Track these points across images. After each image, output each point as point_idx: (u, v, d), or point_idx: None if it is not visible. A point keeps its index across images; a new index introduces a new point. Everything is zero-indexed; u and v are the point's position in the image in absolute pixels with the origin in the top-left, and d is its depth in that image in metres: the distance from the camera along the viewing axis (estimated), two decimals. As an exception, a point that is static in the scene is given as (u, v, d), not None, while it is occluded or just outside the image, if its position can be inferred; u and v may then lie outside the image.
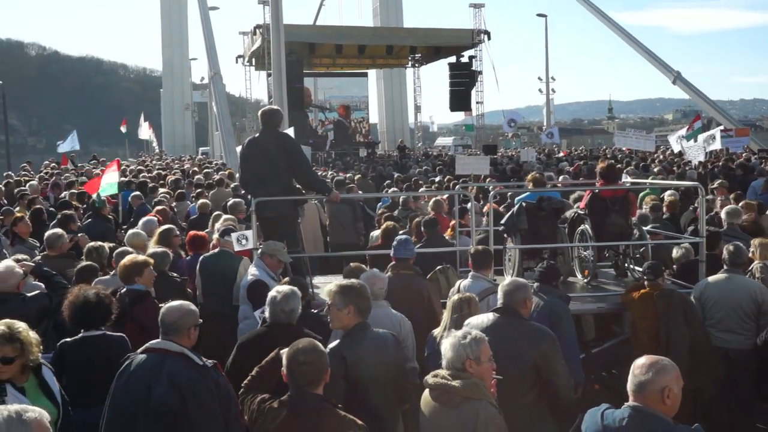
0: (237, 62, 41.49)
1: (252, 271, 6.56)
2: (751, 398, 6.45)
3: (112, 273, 6.44)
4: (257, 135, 7.68)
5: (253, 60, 39.52)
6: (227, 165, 24.45)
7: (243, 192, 10.89)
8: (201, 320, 4.26)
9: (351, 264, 6.59)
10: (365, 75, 48.91)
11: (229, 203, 10.28)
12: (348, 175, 18.65)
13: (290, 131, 12.43)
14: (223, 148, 31.56)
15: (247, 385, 3.99)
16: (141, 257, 6.12)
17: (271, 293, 4.86)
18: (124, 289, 5.81)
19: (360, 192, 13.73)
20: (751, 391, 6.40)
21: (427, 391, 3.88)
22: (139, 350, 4.09)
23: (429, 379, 3.85)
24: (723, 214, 8.45)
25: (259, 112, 7.86)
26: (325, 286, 5.11)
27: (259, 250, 6.81)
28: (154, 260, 6.25)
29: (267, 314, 4.82)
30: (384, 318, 5.21)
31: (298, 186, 7.60)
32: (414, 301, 6.14)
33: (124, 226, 10.61)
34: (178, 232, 8.36)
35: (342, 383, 4.09)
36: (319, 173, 18.55)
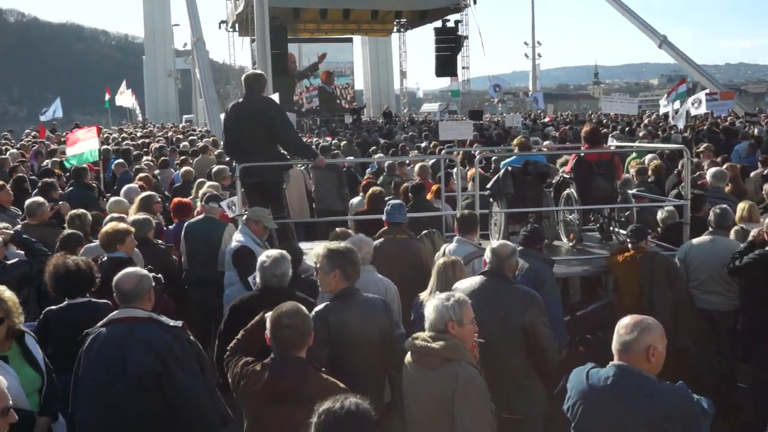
0: (220, 28, 41.01)
1: (237, 238, 6.52)
2: (732, 358, 6.53)
3: (96, 241, 6.38)
4: (241, 100, 7.61)
5: (237, 26, 39.05)
6: (211, 132, 24.26)
7: (227, 159, 10.83)
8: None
9: (337, 229, 6.58)
10: (350, 41, 48.47)
11: (213, 170, 10.21)
12: (333, 141, 18.54)
13: (275, 97, 12.30)
14: (207, 116, 31.34)
15: (232, 348, 3.97)
16: (122, 225, 6.07)
17: (261, 258, 4.84)
18: (105, 257, 5.76)
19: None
20: (733, 351, 6.48)
21: (408, 354, 3.89)
22: (100, 324, 4.02)
23: (410, 341, 3.86)
24: (708, 177, 8.47)
25: (243, 77, 7.77)
26: (311, 251, 5.09)
27: (245, 216, 6.77)
28: (135, 227, 6.21)
29: (258, 279, 4.82)
30: (370, 283, 5.20)
31: (283, 152, 7.54)
32: (411, 265, 6.15)
33: (108, 194, 10.49)
34: (159, 199, 8.30)
35: (325, 347, 4.09)
36: (305, 139, 18.48)
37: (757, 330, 5.99)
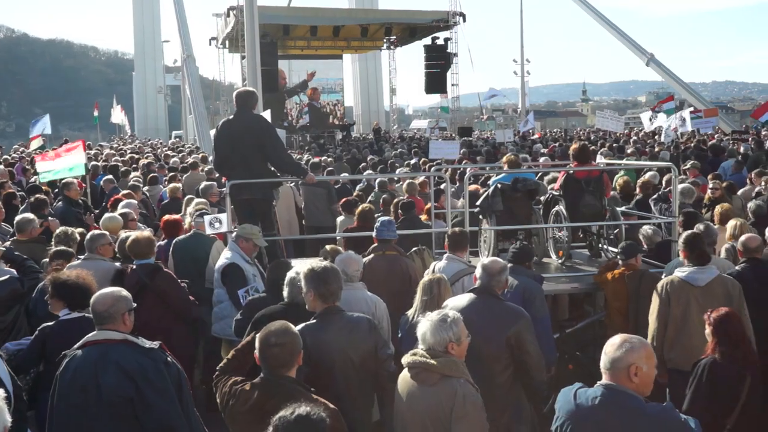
0: (210, 44, 41.00)
1: (226, 255, 6.51)
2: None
3: (82, 258, 6.36)
4: (232, 117, 7.63)
5: (227, 42, 39.08)
6: (201, 148, 24.24)
7: (217, 175, 10.82)
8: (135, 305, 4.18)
9: (327, 246, 6.58)
10: (340, 57, 48.64)
11: (200, 187, 10.20)
12: (323, 158, 18.57)
13: (266, 114, 12.35)
14: (196, 132, 31.31)
15: (222, 368, 3.96)
16: (146, 234, 6.47)
17: (290, 274, 4.89)
18: (135, 265, 6.08)
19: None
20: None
21: (405, 370, 3.88)
22: (76, 346, 3.95)
23: (407, 357, 3.86)
24: (677, 193, 8.35)
25: (234, 94, 7.80)
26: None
27: (234, 234, 6.76)
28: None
29: (285, 294, 4.89)
30: (359, 300, 5.21)
31: (272, 168, 7.55)
32: (400, 282, 6.18)
33: (96, 210, 10.44)
34: (134, 217, 8.32)
35: (304, 367, 4.07)
36: (295, 156, 18.49)
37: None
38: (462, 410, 3.64)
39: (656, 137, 22.76)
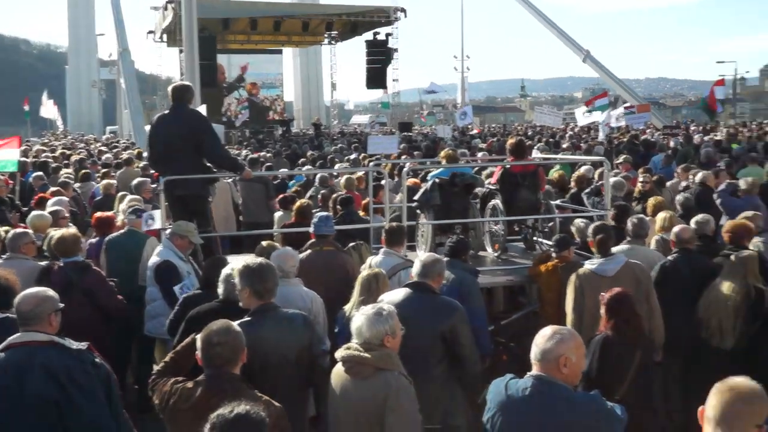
0: (148, 38, 40.28)
1: (159, 252, 6.39)
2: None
3: (4, 257, 6.16)
4: (167, 112, 7.50)
5: (165, 36, 38.44)
6: (136, 144, 23.74)
7: (152, 171, 10.61)
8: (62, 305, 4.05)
9: (263, 242, 6.53)
10: (280, 52, 48.29)
11: (134, 183, 9.98)
12: (262, 153, 18.40)
13: (202, 109, 12.16)
14: (132, 127, 30.65)
15: (159, 370, 3.87)
16: (72, 231, 6.35)
17: (226, 270, 4.80)
18: (62, 263, 5.89)
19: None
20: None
21: (339, 365, 3.88)
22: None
23: (341, 351, 3.85)
24: (609, 187, 8.53)
25: (170, 88, 7.66)
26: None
27: (168, 231, 6.63)
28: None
29: (220, 291, 4.79)
30: (296, 296, 5.18)
31: (208, 164, 7.43)
32: (338, 277, 6.14)
33: (25, 208, 10.10)
34: (66, 214, 8.08)
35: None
36: (233, 152, 18.27)
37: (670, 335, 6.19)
38: (395, 402, 3.65)
39: (591, 132, 23.25)
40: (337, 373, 3.88)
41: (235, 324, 3.72)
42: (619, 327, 4.76)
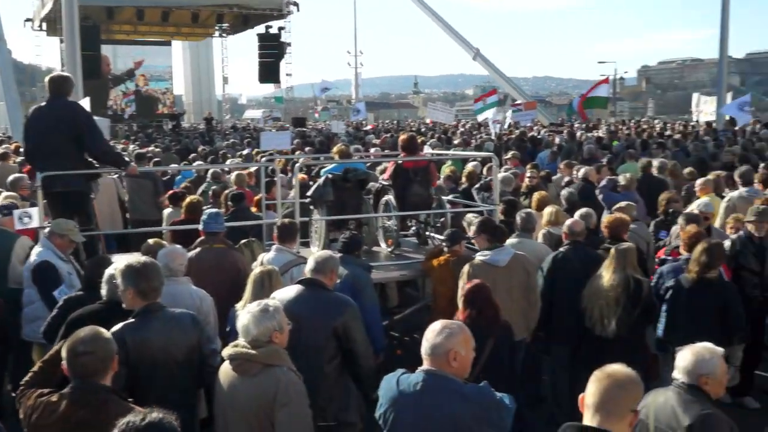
0: (26, 26, 38.11)
1: (37, 252, 6.05)
2: (536, 353, 6.93)
3: None
4: (43, 104, 7.12)
5: (44, 24, 36.50)
6: (13, 138, 22.47)
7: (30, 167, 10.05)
8: None
9: (149, 240, 6.32)
10: (169, 44, 46.85)
11: (9, 179, 9.42)
12: (150, 148, 17.81)
13: (86, 101, 11.62)
14: (8, 120, 29.01)
15: (27, 381, 3.64)
16: None
17: (109, 270, 4.57)
18: None
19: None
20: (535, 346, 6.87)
21: (226, 363, 3.82)
22: None
23: (228, 350, 3.80)
24: (498, 182, 8.74)
25: (47, 79, 7.26)
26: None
27: (47, 230, 6.29)
28: None
29: (103, 292, 4.58)
30: (184, 295, 5.03)
31: (90, 159, 7.11)
32: (228, 275, 6.01)
33: None
34: None
35: (123, 369, 3.88)
36: (120, 146, 17.61)
37: (550, 326, 6.42)
38: (285, 397, 3.63)
39: (481, 129, 23.82)
40: (225, 371, 3.81)
41: (105, 331, 3.53)
42: (473, 317, 4.96)
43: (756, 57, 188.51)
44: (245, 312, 3.83)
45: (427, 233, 8.15)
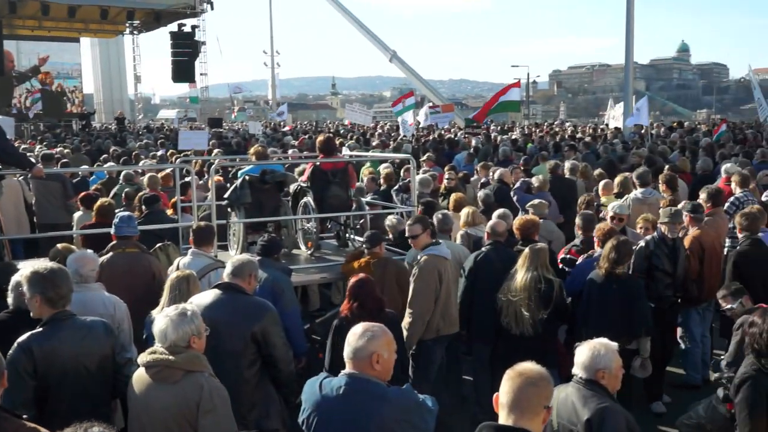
0: None
1: (-65, 259, 5.73)
2: (458, 353, 7.03)
3: None
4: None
5: (-61, 17, 34.59)
6: None
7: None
8: None
9: (58, 245, 6.06)
10: (77, 40, 45.21)
11: None
12: (59, 148, 17.14)
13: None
14: None
15: None
16: None
17: (15, 278, 4.38)
18: None
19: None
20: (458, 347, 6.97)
21: (141, 371, 3.70)
22: None
23: (145, 357, 3.68)
24: (416, 184, 8.81)
25: (-57, 77, 6.87)
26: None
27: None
28: None
29: (10, 300, 4.40)
30: (96, 302, 4.85)
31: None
32: (143, 280, 5.88)
33: None
34: None
35: (31, 381, 3.71)
36: (24, 147, 16.88)
37: (471, 325, 6.52)
38: (209, 404, 3.56)
39: (399, 130, 23.99)
40: (141, 379, 3.70)
41: None
42: (353, 309, 5.12)
43: (659, 63, 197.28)
44: (162, 316, 3.73)
45: (347, 235, 8.14)
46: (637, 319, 6.08)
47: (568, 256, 7.20)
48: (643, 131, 20.00)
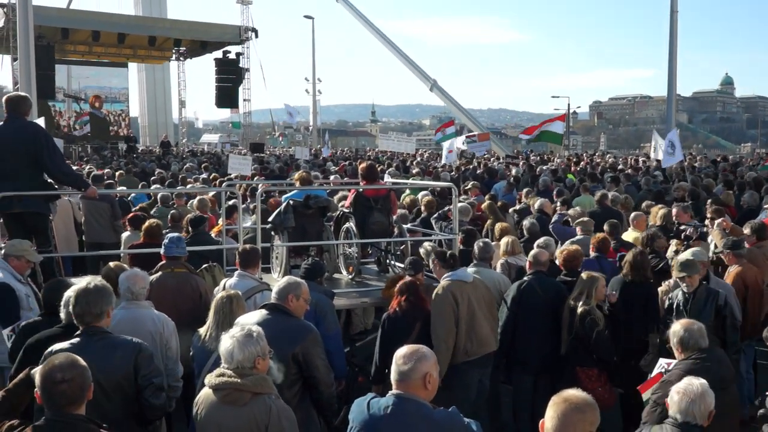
0: (-24, 43, 37.35)
1: (-6, 276, 5.91)
2: (498, 381, 7.01)
3: None
4: (1, 124, 7.00)
5: (-4, 42, 35.83)
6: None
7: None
8: None
9: (111, 263, 6.22)
10: (125, 66, 46.37)
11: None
12: (106, 170, 17.59)
13: (40, 121, 11.45)
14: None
15: None
16: None
17: (67, 293, 4.42)
18: None
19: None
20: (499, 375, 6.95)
21: (209, 392, 3.74)
22: None
23: (212, 379, 3.72)
24: (457, 213, 8.79)
25: (3, 99, 7.16)
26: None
27: (2, 251, 6.18)
28: None
29: (62, 315, 4.47)
30: (146, 319, 5.00)
31: (49, 180, 7.02)
32: (190, 299, 6.01)
33: None
34: None
35: None
36: (75, 168, 17.32)
37: (514, 355, 6.52)
38: (278, 426, 3.63)
39: (438, 159, 24.12)
40: (209, 401, 3.74)
41: (80, 358, 3.38)
42: (401, 303, 5.98)
43: (703, 95, 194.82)
44: (228, 337, 3.76)
45: (388, 261, 8.22)
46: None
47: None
48: (685, 163, 19.78)
